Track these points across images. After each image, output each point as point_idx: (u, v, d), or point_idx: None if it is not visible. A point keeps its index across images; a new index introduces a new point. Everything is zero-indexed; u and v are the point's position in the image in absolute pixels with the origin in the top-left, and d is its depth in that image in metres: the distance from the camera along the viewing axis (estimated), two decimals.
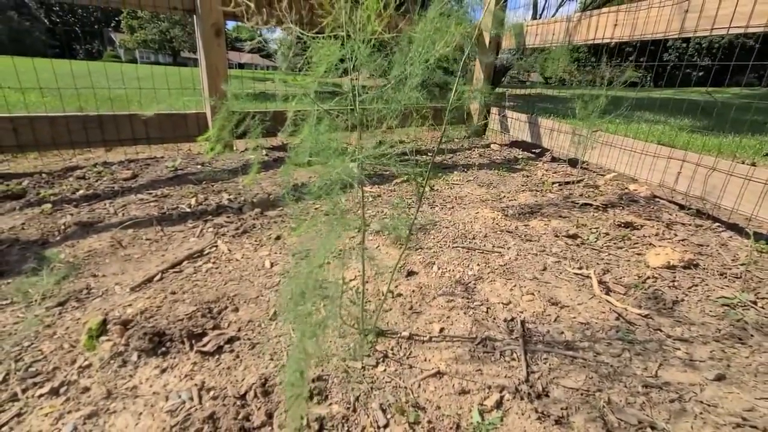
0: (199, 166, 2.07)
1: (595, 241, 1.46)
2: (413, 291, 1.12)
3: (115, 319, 0.92)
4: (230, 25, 2.32)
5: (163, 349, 0.84)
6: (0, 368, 0.78)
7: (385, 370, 0.83)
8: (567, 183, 2.10)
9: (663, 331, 0.99)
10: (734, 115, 4.51)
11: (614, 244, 1.44)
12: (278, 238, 1.38)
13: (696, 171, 1.72)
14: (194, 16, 2.10)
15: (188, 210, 1.57)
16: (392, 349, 0.89)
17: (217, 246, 1.31)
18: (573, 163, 2.48)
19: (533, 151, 3.01)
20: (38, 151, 1.97)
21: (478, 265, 1.27)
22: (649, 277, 1.23)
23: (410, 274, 1.21)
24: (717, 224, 1.63)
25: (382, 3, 0.85)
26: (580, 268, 1.27)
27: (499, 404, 0.76)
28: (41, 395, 0.73)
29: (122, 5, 2.02)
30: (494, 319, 1.02)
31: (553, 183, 2.08)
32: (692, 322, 1.03)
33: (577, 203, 1.80)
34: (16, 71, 2.36)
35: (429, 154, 2.69)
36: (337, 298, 1.01)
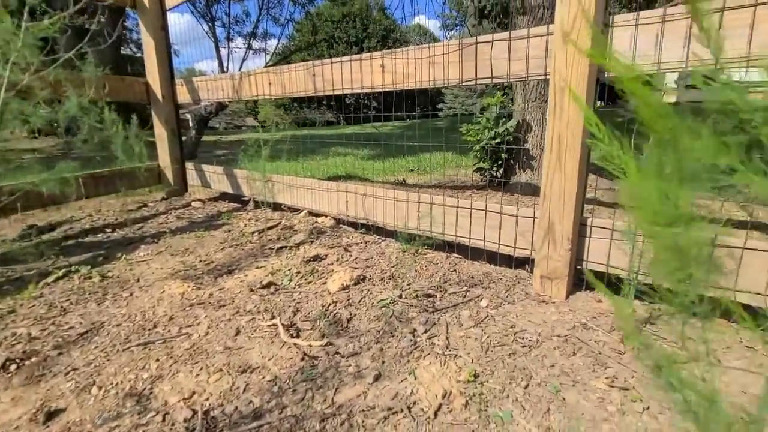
0: None
1: (289, 283, 1.54)
2: None
3: None
4: None
5: None
6: None
7: None
8: (267, 229, 2.18)
9: (340, 353, 1.12)
10: (393, 143, 6.09)
11: (305, 281, 1.57)
12: None
13: (356, 199, 2.14)
14: None
15: None
16: None
17: None
18: (273, 207, 2.63)
19: (242, 199, 3.01)
20: None
21: (158, 360, 1.08)
22: (330, 304, 1.39)
23: (51, 416, 0.89)
24: (379, 237, 2.07)
25: None
26: (272, 317, 1.29)
27: None
28: None
29: None
30: (172, 425, 0.86)
31: (253, 232, 2.12)
32: (361, 333, 1.21)
33: (274, 248, 1.88)
34: None
35: (110, 229, 2.23)
36: None
